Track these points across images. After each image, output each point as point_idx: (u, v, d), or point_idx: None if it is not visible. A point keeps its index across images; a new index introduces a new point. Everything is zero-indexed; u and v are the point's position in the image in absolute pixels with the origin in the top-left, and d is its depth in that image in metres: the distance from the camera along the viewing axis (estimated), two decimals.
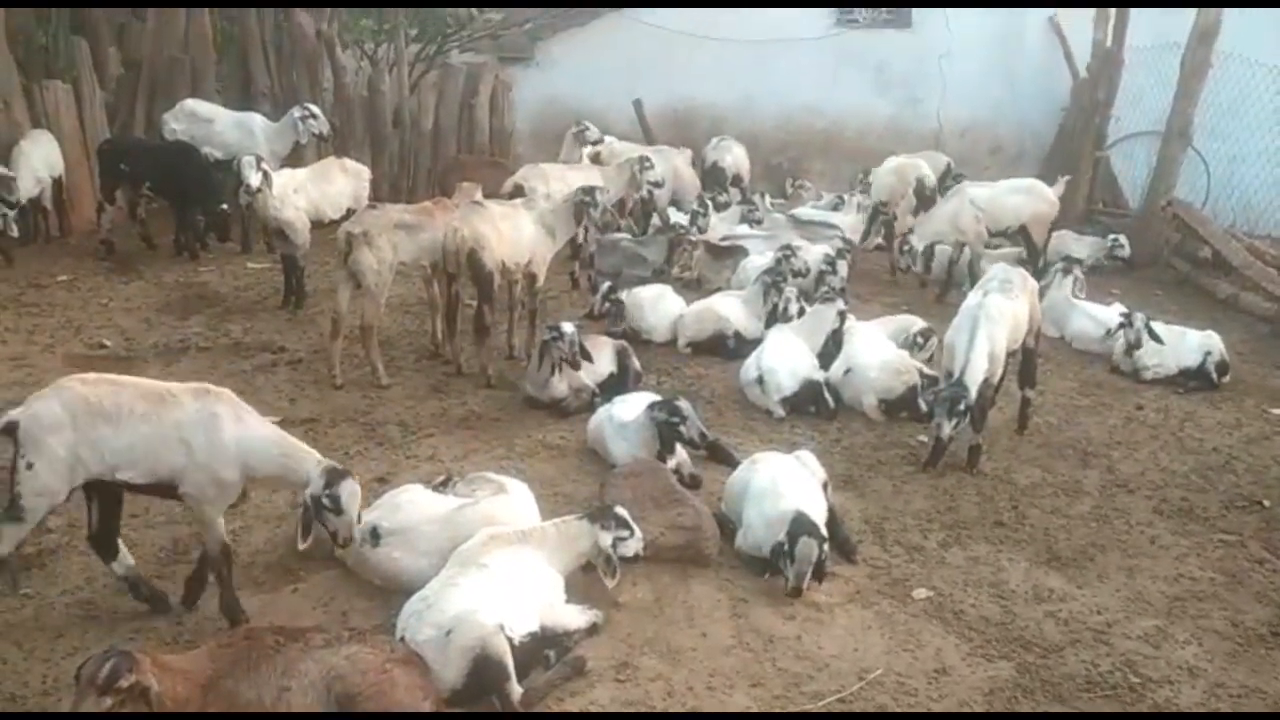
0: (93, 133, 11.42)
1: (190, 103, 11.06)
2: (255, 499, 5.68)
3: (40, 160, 10.17)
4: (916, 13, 15.77)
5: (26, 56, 11.60)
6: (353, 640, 4.08)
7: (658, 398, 6.42)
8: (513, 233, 7.69)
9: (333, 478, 4.33)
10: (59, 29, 13.15)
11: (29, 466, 4.31)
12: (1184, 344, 8.61)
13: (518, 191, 9.15)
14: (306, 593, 4.89)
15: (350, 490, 4.33)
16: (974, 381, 6.37)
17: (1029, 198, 10.48)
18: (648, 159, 10.20)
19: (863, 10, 15.95)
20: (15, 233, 10.07)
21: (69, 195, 10.83)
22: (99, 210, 10.30)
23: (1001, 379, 6.91)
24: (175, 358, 7.80)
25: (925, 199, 11.08)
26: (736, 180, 13.81)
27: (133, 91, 12.24)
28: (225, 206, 9.96)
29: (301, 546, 4.46)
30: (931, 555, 5.62)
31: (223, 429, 4.36)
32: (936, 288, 10.57)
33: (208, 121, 10.80)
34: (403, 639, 4.28)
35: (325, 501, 4.30)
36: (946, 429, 6.36)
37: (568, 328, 7.07)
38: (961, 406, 6.29)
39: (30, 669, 4.33)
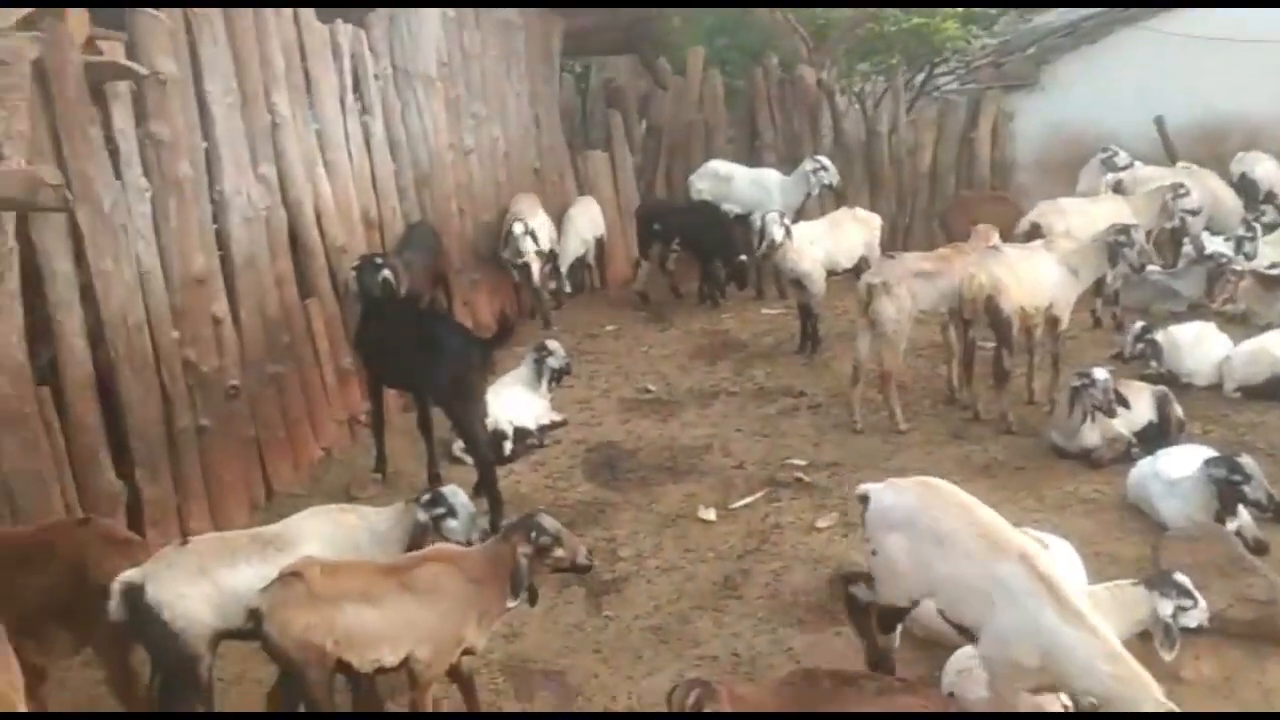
0: (625, 195, 12.88)
1: (713, 164, 12.03)
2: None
3: (586, 223, 11.66)
4: None
5: (569, 131, 13.38)
6: (904, 691, 4.19)
7: (1209, 451, 5.88)
8: (1032, 276, 7.48)
9: None
10: (595, 104, 15.10)
11: (873, 553, 4.31)
12: None
13: (1035, 231, 8.84)
14: (851, 637, 5.03)
15: None
16: None
17: None
18: (1182, 185, 9.36)
19: None
20: (568, 288, 11.65)
21: (606, 252, 12.29)
22: (635, 265, 11.55)
23: None
24: (708, 401, 8.47)
25: None
26: (1270, 197, 12.23)
27: (655, 154, 13.62)
28: (744, 257, 10.69)
29: None
30: None
31: (1034, 607, 3.77)
32: None
33: (727, 180, 11.67)
34: (951, 694, 4.31)
35: None
36: None
37: (1100, 374, 6.73)
38: None
39: (617, 685, 4.97)
